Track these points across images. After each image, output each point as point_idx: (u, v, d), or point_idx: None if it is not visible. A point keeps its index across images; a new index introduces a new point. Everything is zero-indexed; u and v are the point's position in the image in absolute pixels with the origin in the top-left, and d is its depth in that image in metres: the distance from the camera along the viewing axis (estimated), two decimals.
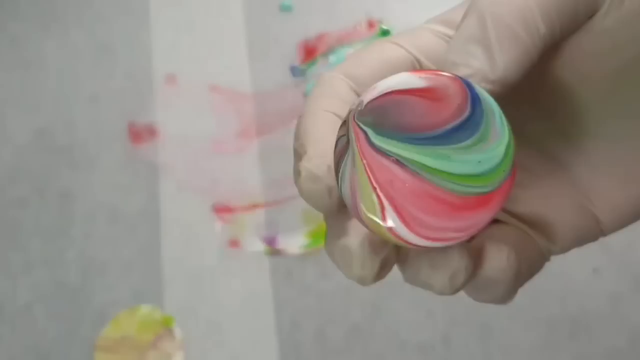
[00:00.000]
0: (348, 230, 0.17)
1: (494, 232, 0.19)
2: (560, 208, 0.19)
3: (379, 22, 0.83)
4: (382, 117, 0.16)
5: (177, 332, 0.68)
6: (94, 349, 0.68)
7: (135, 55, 0.82)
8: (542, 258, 0.19)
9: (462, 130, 0.15)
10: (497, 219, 0.20)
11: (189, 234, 0.73)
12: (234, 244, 0.72)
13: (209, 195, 0.75)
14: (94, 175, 0.76)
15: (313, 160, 0.17)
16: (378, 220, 0.15)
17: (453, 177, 0.15)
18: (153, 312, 0.69)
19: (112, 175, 0.76)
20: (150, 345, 0.68)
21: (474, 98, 0.15)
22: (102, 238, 0.73)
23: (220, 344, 0.69)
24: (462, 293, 0.18)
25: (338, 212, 0.17)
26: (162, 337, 0.68)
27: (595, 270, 0.70)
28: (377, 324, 0.69)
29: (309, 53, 0.82)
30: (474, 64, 0.16)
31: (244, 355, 0.68)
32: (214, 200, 0.74)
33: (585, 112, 0.18)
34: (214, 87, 0.80)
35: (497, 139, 0.15)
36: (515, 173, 0.16)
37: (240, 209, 0.74)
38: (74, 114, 0.79)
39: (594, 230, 0.19)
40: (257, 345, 0.68)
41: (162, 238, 0.73)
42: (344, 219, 0.18)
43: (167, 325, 0.69)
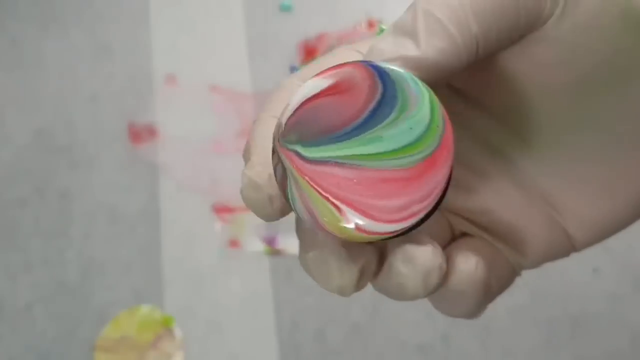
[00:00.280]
0: (321, 241, 0.16)
1: (463, 244, 0.19)
2: (531, 222, 0.19)
3: (379, 22, 0.83)
4: (303, 129, 0.16)
5: (177, 332, 0.68)
6: (94, 349, 0.68)
7: (135, 56, 0.82)
8: (512, 272, 0.19)
9: (382, 108, 0.15)
10: (465, 233, 0.19)
11: (189, 234, 0.73)
12: (234, 244, 0.72)
13: (209, 195, 0.75)
14: (94, 175, 0.76)
15: (255, 168, 0.17)
16: (343, 225, 0.15)
17: (392, 153, 0.15)
18: (153, 312, 0.69)
19: (111, 175, 0.76)
20: (150, 345, 0.68)
21: (381, 74, 0.15)
22: (101, 238, 0.73)
23: (220, 344, 0.69)
24: None
25: (278, 220, 0.17)
26: (162, 337, 0.68)
27: (596, 271, 0.70)
28: (377, 324, 0.69)
29: (309, 53, 0.82)
30: (400, 51, 0.16)
31: (244, 355, 0.68)
32: (214, 200, 0.74)
33: (548, 124, 0.18)
34: (214, 87, 0.80)
35: (417, 101, 0.15)
36: (450, 123, 0.16)
37: (240, 209, 0.74)
38: (74, 114, 0.79)
39: (565, 245, 0.19)
40: (257, 345, 0.68)
41: (162, 238, 0.73)
42: None
43: (167, 325, 0.69)
